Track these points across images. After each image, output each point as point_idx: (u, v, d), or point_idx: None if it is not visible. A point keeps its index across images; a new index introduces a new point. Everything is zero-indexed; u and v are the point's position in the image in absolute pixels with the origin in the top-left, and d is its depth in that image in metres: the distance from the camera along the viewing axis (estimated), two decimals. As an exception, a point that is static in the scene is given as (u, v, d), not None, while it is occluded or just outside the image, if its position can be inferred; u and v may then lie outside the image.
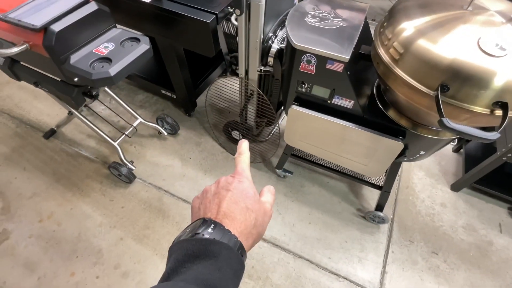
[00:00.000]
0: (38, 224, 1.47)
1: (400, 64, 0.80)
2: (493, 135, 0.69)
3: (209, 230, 0.32)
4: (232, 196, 0.37)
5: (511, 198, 1.54)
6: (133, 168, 1.56)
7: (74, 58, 1.00)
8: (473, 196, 1.62)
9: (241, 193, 0.37)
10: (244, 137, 1.68)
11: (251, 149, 1.70)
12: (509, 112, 0.70)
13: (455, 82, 0.72)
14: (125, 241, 1.41)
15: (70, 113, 1.66)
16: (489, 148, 1.41)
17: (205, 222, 0.34)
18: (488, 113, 0.73)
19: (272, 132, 1.77)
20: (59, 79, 1.16)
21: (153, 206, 1.52)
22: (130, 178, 1.54)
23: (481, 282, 1.35)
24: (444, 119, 0.71)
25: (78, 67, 0.98)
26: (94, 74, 0.96)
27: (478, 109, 0.73)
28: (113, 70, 0.97)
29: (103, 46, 1.05)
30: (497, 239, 1.48)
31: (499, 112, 0.72)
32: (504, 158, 1.31)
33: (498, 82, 0.69)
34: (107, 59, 1.01)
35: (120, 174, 1.51)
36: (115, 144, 1.51)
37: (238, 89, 1.43)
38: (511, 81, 0.68)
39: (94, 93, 1.22)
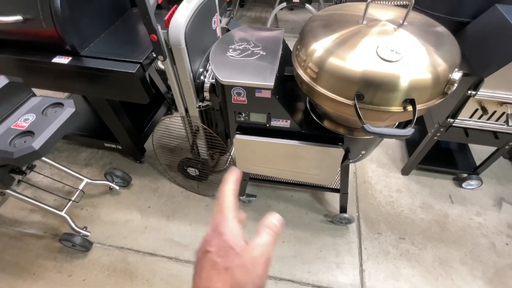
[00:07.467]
0: (-14, 326, 1.28)
1: (318, 81, 0.85)
2: (408, 131, 0.76)
3: None
4: (216, 263, 0.32)
5: (453, 170, 1.71)
6: (88, 234, 1.45)
7: (-10, 139, 0.92)
8: (422, 175, 1.76)
9: (224, 252, 0.32)
10: (201, 172, 1.65)
11: (209, 183, 1.68)
12: (417, 106, 0.78)
13: (368, 90, 0.79)
14: (94, 317, 1.28)
15: (2, 193, 1.50)
16: (422, 131, 1.54)
17: None
18: (402, 110, 0.80)
19: (228, 160, 1.77)
20: (-21, 163, 1.06)
21: (118, 269, 1.41)
22: (86, 246, 1.42)
23: (448, 254, 1.44)
24: (365, 125, 0.77)
25: (-4, 148, 0.90)
26: (16, 152, 0.89)
27: (393, 109, 0.80)
28: (37, 143, 0.90)
29: (23, 119, 0.98)
30: (451, 210, 1.61)
31: (410, 108, 0.80)
32: (435, 138, 1.45)
33: (402, 83, 0.76)
34: (29, 133, 0.95)
35: (74, 245, 1.39)
36: (62, 213, 1.39)
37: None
38: (413, 80, 0.76)
39: (24, 168, 1.12)
